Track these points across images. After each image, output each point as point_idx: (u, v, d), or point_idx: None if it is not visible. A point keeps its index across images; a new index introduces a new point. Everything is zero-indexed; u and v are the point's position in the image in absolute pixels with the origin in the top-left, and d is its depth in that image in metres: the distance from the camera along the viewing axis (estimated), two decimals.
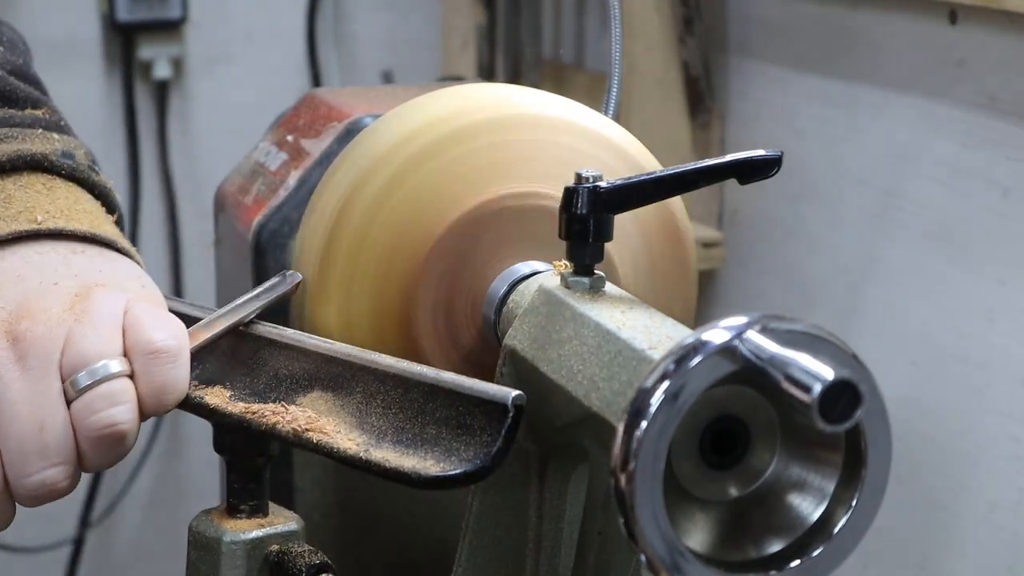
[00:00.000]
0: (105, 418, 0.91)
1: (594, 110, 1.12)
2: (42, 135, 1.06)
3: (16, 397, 0.91)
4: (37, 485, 0.91)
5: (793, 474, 0.85)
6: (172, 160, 2.41)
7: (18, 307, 0.94)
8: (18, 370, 0.91)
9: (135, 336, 0.93)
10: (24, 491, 0.91)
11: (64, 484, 0.92)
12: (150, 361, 0.93)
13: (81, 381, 0.91)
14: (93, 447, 0.91)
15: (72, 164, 1.06)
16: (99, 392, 0.91)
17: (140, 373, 0.93)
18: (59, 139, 1.07)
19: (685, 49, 2.03)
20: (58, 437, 0.91)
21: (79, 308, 0.93)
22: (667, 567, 0.80)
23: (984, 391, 1.64)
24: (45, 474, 0.91)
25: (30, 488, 0.91)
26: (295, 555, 0.98)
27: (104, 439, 0.91)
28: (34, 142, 1.05)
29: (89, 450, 0.92)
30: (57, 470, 0.91)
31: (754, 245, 2.03)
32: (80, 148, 1.08)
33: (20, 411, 0.90)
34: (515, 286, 1.04)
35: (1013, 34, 1.57)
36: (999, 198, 1.61)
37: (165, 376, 0.93)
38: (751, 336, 0.79)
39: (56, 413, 0.91)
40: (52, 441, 0.91)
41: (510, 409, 0.90)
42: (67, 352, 0.92)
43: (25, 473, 0.91)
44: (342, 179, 1.08)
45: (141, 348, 0.93)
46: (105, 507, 2.44)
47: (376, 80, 2.44)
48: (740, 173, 0.97)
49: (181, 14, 2.35)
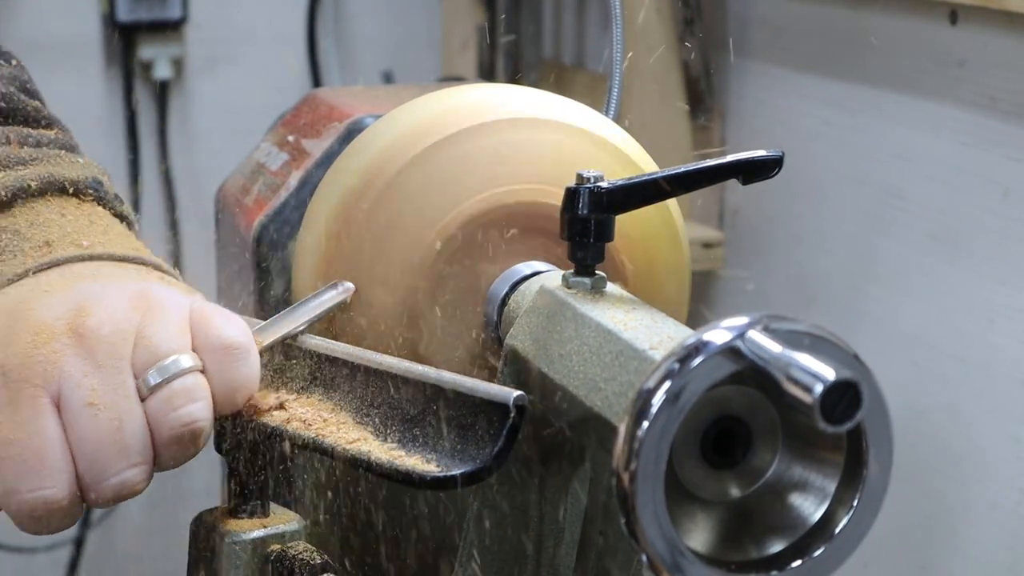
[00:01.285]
0: (184, 415, 0.88)
1: (594, 110, 1.12)
2: (67, 157, 1.05)
3: (90, 395, 0.87)
4: (117, 487, 0.88)
5: (794, 474, 0.85)
6: (172, 160, 2.42)
7: (80, 305, 0.90)
8: (89, 367, 0.88)
9: (205, 332, 0.91)
10: (102, 492, 0.88)
11: (142, 486, 0.89)
12: (223, 357, 0.90)
13: (153, 378, 0.88)
14: (170, 445, 0.88)
15: (101, 193, 1.04)
16: (175, 388, 0.88)
17: (213, 370, 0.90)
18: (83, 164, 1.05)
19: (685, 49, 2.03)
20: (136, 436, 0.87)
21: (144, 305, 0.90)
22: (668, 567, 0.80)
23: (984, 391, 1.64)
24: (125, 475, 0.88)
25: (109, 489, 0.88)
26: (296, 555, 0.98)
27: (182, 436, 0.88)
28: (61, 165, 1.03)
29: (165, 449, 0.89)
30: (137, 470, 0.88)
31: (754, 245, 2.03)
32: (104, 174, 1.06)
33: (97, 411, 0.87)
34: (516, 286, 1.04)
35: (1013, 34, 1.57)
36: (999, 198, 1.61)
37: (238, 372, 0.91)
38: (753, 336, 0.79)
39: (133, 411, 0.88)
40: (131, 440, 0.87)
41: (511, 409, 0.90)
42: (138, 348, 0.89)
43: (106, 474, 0.87)
44: (342, 180, 1.08)
45: (212, 344, 0.90)
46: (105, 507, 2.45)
47: (376, 80, 2.44)
48: (741, 173, 0.97)
49: (181, 14, 2.35)
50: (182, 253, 2.42)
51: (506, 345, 0.99)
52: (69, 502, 0.88)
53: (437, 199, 1.05)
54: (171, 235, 2.42)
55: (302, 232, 1.11)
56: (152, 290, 0.92)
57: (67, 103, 2.34)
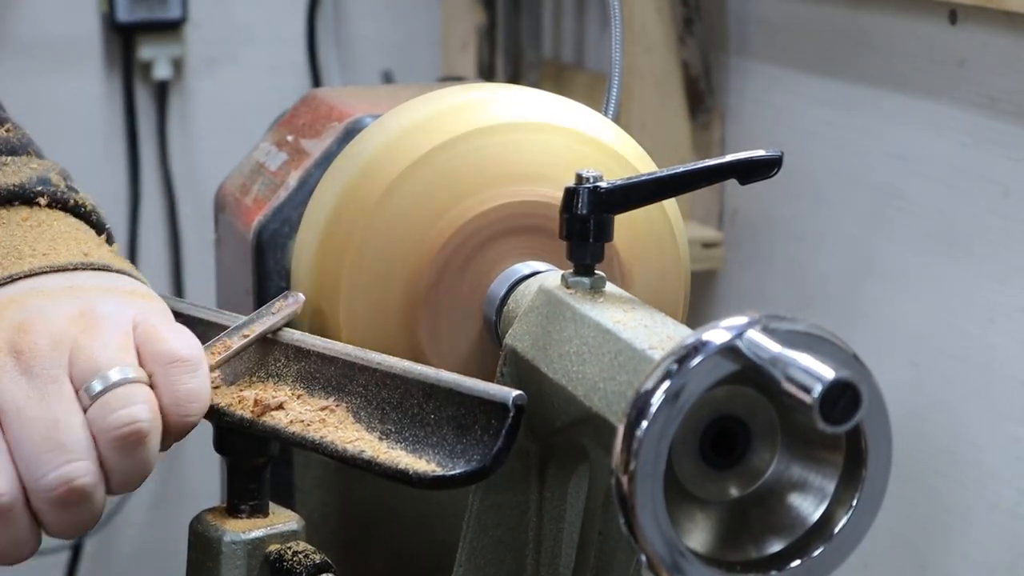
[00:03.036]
0: (124, 415, 0.87)
1: (593, 110, 1.12)
2: (11, 163, 1.03)
3: (24, 403, 0.87)
4: (55, 484, 0.86)
5: (794, 474, 0.85)
6: (172, 160, 2.41)
7: (19, 325, 0.90)
8: (24, 380, 0.88)
9: (151, 347, 0.90)
10: (45, 493, 0.86)
11: (88, 479, 0.87)
12: (171, 370, 0.90)
13: (95, 387, 0.88)
14: (114, 450, 0.87)
15: (51, 189, 1.02)
16: (115, 394, 0.87)
17: (161, 384, 0.89)
18: (36, 164, 1.03)
19: (685, 49, 2.03)
20: (74, 434, 0.86)
21: (83, 321, 0.90)
22: (667, 567, 0.80)
23: (984, 391, 1.64)
24: (67, 468, 0.86)
25: (50, 486, 0.86)
26: (295, 555, 0.98)
27: (124, 438, 0.87)
28: (5, 172, 1.02)
29: (111, 454, 0.87)
30: (74, 466, 0.86)
31: (754, 245, 2.03)
32: (53, 169, 1.04)
33: (30, 414, 0.86)
34: (515, 286, 1.04)
35: (1013, 34, 1.57)
36: (999, 198, 1.61)
37: (187, 384, 0.90)
38: (752, 336, 0.79)
39: (71, 412, 0.87)
40: (68, 437, 0.86)
41: (510, 409, 0.90)
42: (75, 362, 0.88)
43: (42, 472, 0.86)
44: (342, 180, 1.08)
45: (160, 358, 0.90)
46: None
47: (376, 80, 2.44)
48: (740, 173, 0.97)
49: (181, 14, 2.35)
50: (182, 253, 2.42)
51: (505, 345, 0.99)
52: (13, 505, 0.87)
53: (436, 199, 1.05)
54: (171, 235, 2.42)
55: (301, 232, 1.11)
56: (96, 307, 0.92)
57: (67, 103, 2.34)
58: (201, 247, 2.34)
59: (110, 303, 0.93)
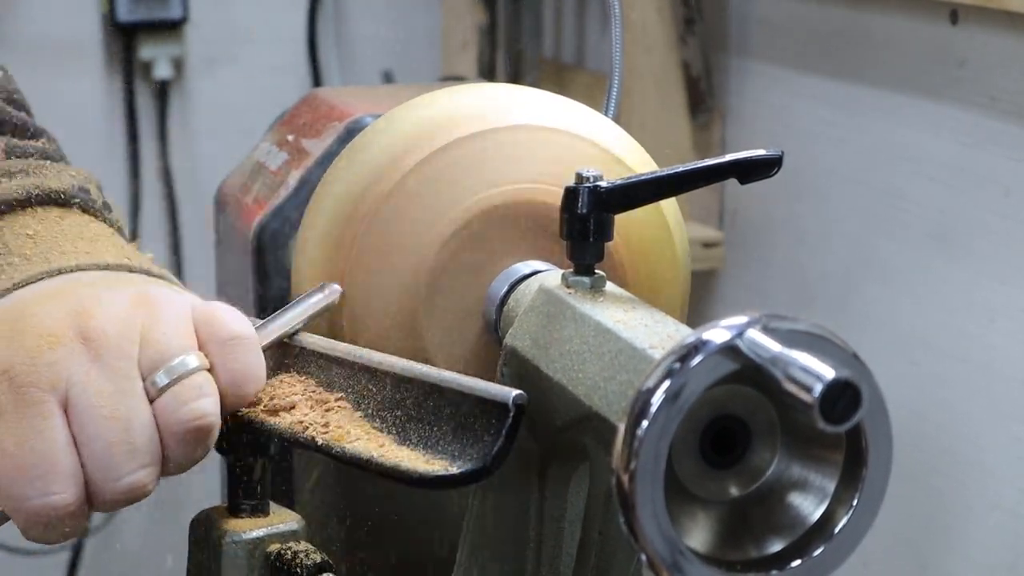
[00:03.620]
0: (195, 410, 0.87)
1: (594, 110, 1.12)
2: (52, 168, 1.04)
3: (99, 399, 0.86)
4: (127, 489, 0.87)
5: (794, 473, 0.85)
6: (172, 160, 2.42)
7: (81, 311, 0.89)
8: (96, 369, 0.87)
9: (209, 328, 0.90)
10: (112, 495, 0.87)
11: (151, 487, 0.88)
12: (229, 349, 0.90)
13: (160, 379, 0.87)
14: (179, 444, 0.88)
15: (87, 202, 1.03)
16: (184, 386, 0.87)
17: (219, 364, 0.90)
18: (72, 173, 1.05)
19: (685, 49, 2.03)
20: (145, 437, 0.87)
21: (145, 306, 0.90)
22: (668, 566, 0.80)
23: (984, 391, 1.64)
24: (135, 476, 0.87)
25: (119, 492, 0.87)
26: (296, 554, 0.98)
27: (191, 433, 0.87)
28: (47, 176, 1.03)
29: (175, 448, 0.88)
30: (145, 472, 0.87)
31: (754, 245, 2.03)
32: (91, 183, 1.06)
33: (105, 412, 0.86)
34: (516, 286, 1.04)
35: (1013, 34, 1.57)
36: (1000, 198, 1.61)
37: (245, 363, 0.90)
38: (752, 335, 0.79)
39: (142, 411, 0.87)
40: (140, 441, 0.86)
41: (511, 408, 0.90)
42: (144, 349, 0.88)
43: (115, 476, 0.86)
44: (342, 180, 1.08)
45: (218, 337, 0.90)
46: None
47: (376, 80, 2.44)
48: (740, 173, 0.97)
49: (181, 14, 2.35)
50: (182, 253, 2.42)
51: (505, 344, 0.99)
52: (77, 507, 0.87)
53: (437, 199, 1.05)
54: (171, 235, 2.42)
55: (301, 232, 1.11)
56: (151, 292, 0.92)
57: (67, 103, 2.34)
58: (201, 247, 2.34)
59: (163, 289, 0.94)
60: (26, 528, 0.88)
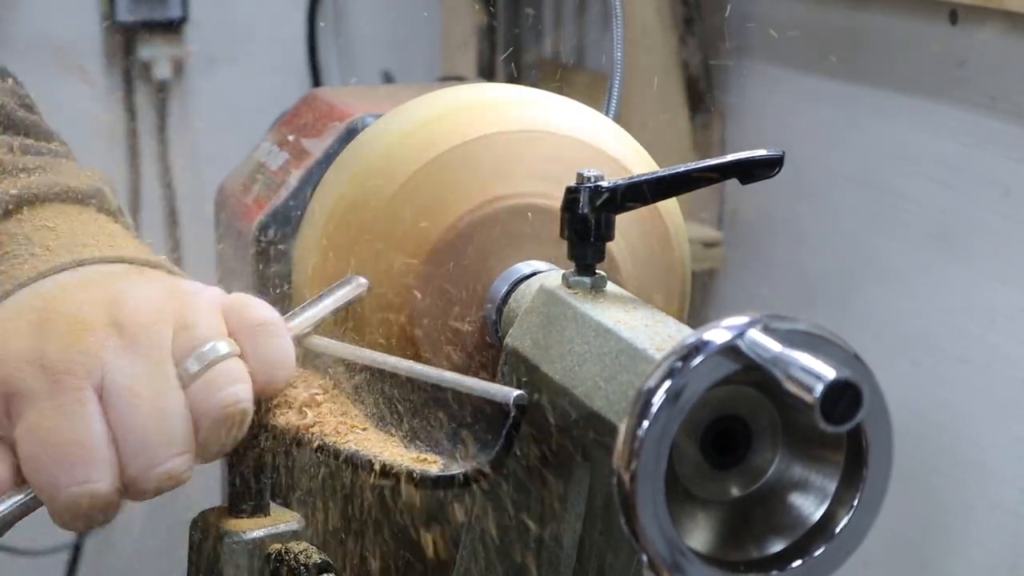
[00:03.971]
0: (228, 396, 0.87)
1: (593, 110, 1.12)
2: (69, 166, 1.05)
3: (134, 387, 0.86)
4: (164, 476, 0.87)
5: (795, 474, 0.85)
6: (172, 160, 2.42)
7: (111, 300, 0.89)
8: (131, 356, 0.87)
9: (238, 316, 0.90)
10: (148, 483, 0.87)
11: (187, 475, 0.88)
12: (259, 336, 0.90)
13: (192, 365, 0.87)
14: (213, 430, 0.88)
15: (103, 203, 1.04)
16: (216, 372, 0.87)
17: (250, 351, 0.89)
18: (88, 173, 1.05)
19: (685, 49, 2.03)
20: (180, 424, 0.86)
21: (177, 295, 0.90)
22: (668, 567, 0.80)
23: (985, 391, 1.64)
24: (171, 464, 0.87)
25: (156, 480, 0.87)
26: (296, 555, 0.98)
27: (225, 419, 0.87)
28: (65, 174, 1.03)
29: (208, 434, 0.88)
30: (181, 459, 0.87)
31: (754, 245, 2.03)
32: (106, 184, 1.06)
33: (140, 400, 0.86)
34: (516, 286, 1.04)
35: (1013, 34, 1.57)
36: (1000, 198, 1.61)
37: (275, 348, 0.90)
38: (753, 335, 0.79)
39: (176, 399, 0.87)
40: (176, 428, 0.86)
41: (512, 409, 0.90)
42: (177, 336, 0.88)
43: (151, 464, 0.86)
44: (343, 180, 1.08)
45: (248, 324, 0.90)
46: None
47: (376, 80, 2.44)
48: (741, 173, 0.96)
49: (181, 14, 2.35)
50: (182, 253, 2.42)
51: (506, 345, 0.99)
52: (113, 495, 0.87)
53: (437, 200, 1.05)
54: (171, 235, 2.42)
55: (302, 231, 1.11)
56: (180, 283, 0.92)
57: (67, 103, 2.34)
58: (201, 247, 2.34)
59: (190, 281, 0.94)
60: (60, 516, 0.88)
